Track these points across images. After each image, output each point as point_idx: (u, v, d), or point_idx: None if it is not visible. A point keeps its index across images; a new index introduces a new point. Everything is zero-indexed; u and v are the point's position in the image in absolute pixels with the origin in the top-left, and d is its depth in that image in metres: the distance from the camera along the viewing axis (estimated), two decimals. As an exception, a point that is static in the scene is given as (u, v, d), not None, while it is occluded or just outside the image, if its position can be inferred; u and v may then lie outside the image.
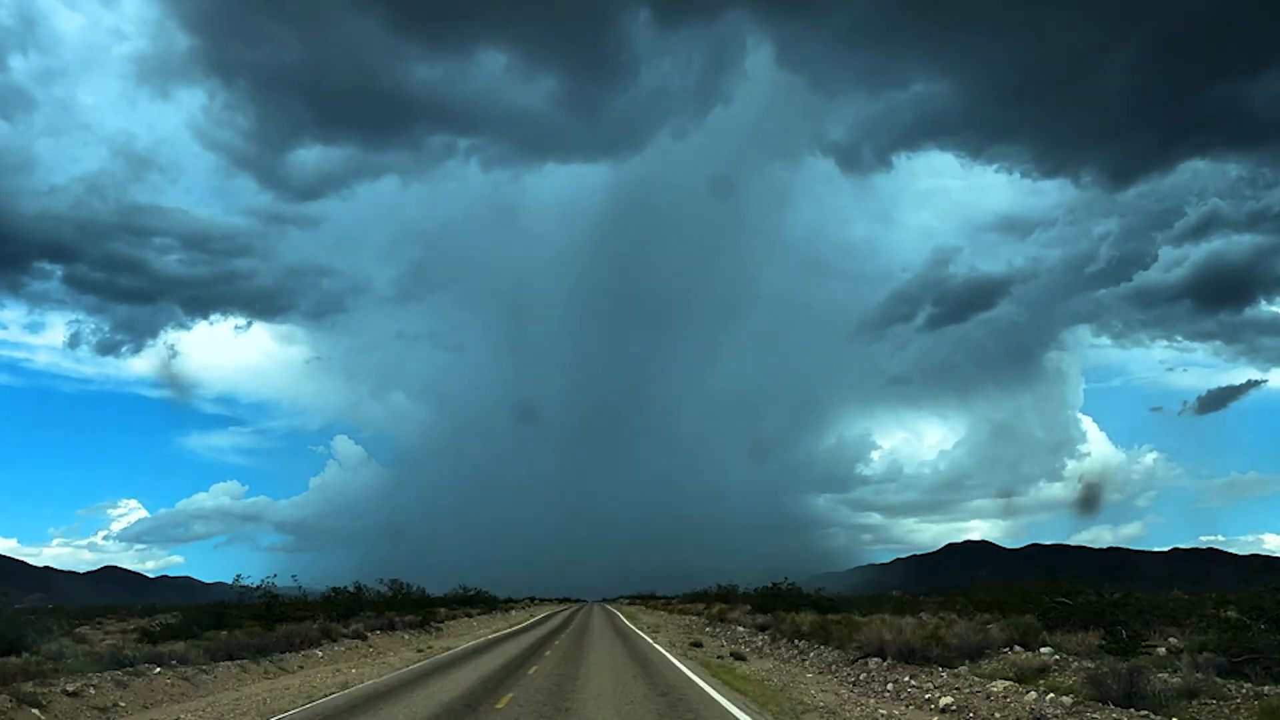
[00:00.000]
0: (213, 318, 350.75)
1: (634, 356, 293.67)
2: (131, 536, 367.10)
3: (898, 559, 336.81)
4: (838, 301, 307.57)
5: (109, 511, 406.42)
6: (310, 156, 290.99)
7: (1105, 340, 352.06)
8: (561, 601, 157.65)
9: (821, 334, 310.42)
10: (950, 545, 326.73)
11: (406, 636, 38.47)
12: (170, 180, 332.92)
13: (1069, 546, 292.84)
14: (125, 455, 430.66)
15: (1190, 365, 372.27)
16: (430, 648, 33.15)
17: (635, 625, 51.66)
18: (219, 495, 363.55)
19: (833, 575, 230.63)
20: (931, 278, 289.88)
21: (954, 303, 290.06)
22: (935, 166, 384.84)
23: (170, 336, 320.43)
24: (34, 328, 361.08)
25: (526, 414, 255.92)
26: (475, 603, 76.08)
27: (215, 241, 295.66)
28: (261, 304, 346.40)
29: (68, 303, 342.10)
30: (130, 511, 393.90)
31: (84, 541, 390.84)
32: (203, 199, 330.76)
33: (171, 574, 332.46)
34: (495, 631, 47.02)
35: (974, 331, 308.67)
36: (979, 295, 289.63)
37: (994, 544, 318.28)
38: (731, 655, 26.59)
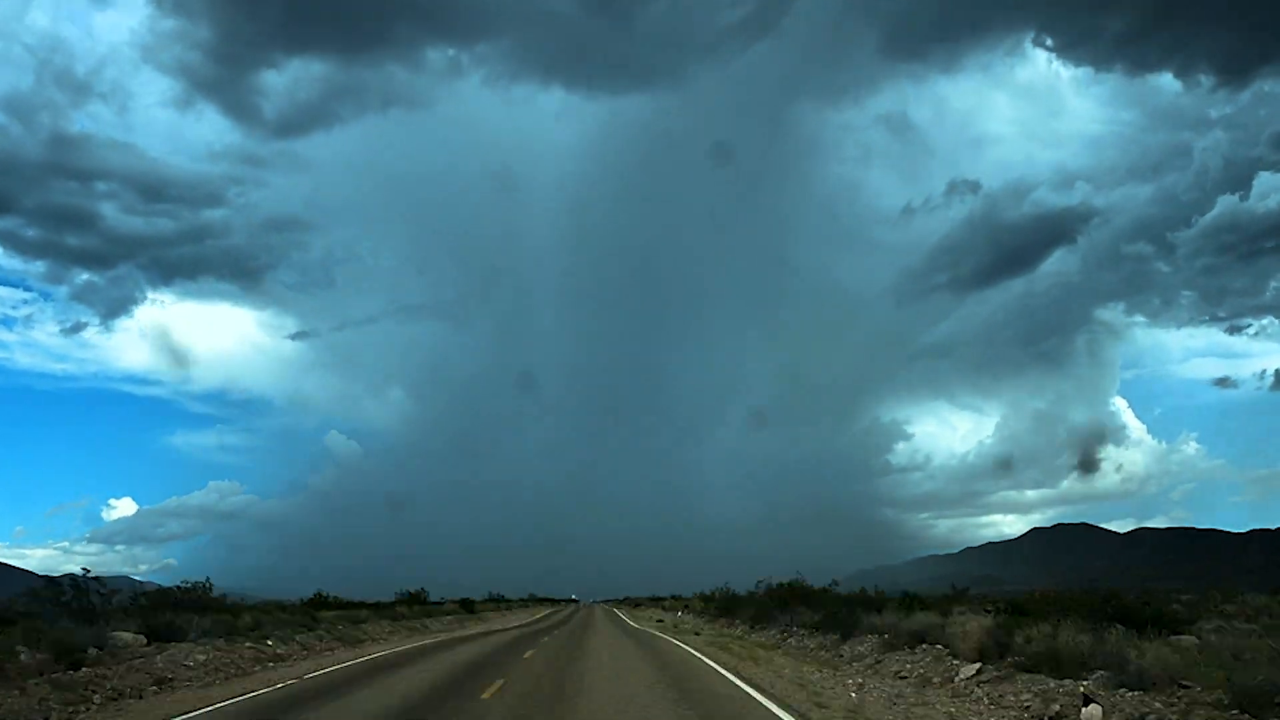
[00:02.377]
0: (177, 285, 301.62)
1: (650, 342, 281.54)
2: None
3: (968, 548, 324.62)
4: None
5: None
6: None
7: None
8: (555, 604, 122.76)
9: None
10: (1036, 530, 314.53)
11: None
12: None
13: (1195, 529, 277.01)
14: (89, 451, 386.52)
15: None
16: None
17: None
18: (210, 494, 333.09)
19: (892, 569, 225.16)
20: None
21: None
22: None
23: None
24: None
25: (526, 384, 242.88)
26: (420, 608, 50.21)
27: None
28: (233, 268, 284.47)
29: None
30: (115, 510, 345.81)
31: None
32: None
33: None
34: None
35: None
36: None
37: (1096, 526, 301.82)
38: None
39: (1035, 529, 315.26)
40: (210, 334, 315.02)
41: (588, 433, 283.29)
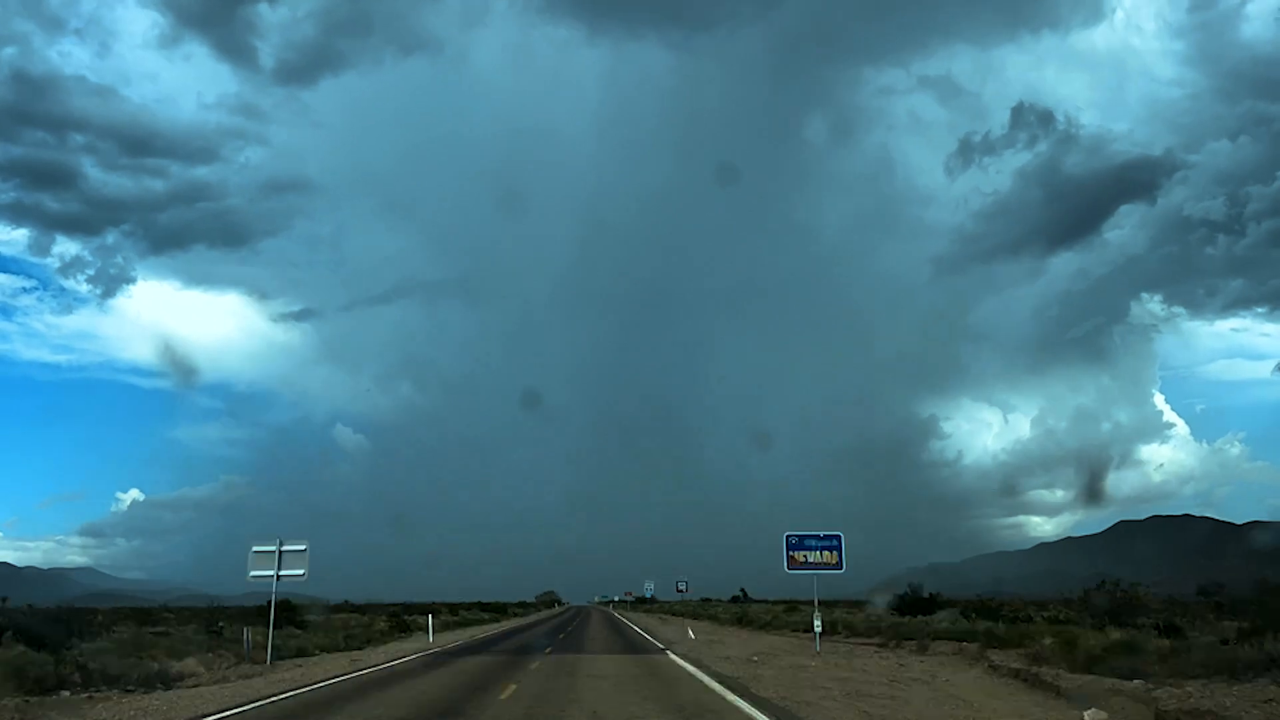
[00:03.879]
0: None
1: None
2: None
3: (1042, 544, 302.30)
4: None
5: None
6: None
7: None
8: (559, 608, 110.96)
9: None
10: (1124, 523, 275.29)
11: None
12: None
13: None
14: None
15: None
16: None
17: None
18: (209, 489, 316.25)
19: (953, 567, 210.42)
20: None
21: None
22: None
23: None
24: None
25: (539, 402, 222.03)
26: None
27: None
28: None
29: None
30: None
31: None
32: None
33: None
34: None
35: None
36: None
37: (1216, 519, 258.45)
38: None
39: (1122, 521, 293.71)
40: (209, 324, 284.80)
41: (608, 446, 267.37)
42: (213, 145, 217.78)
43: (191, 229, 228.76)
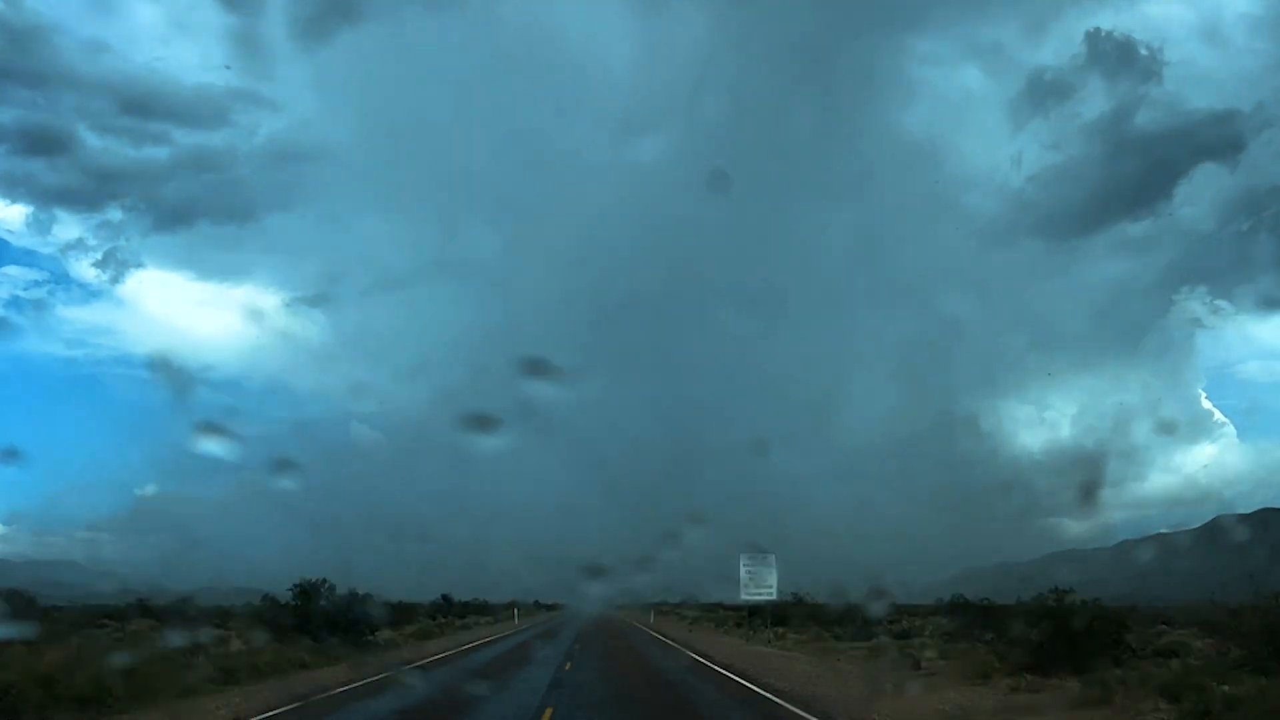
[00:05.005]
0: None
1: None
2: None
3: (1124, 541, 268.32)
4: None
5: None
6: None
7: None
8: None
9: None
10: (1224, 518, 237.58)
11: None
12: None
13: None
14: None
15: None
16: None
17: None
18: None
19: (1023, 566, 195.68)
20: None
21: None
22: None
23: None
24: None
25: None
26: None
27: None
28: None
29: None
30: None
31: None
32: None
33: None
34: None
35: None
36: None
37: None
38: None
39: (1222, 515, 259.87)
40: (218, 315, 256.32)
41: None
42: (222, 108, 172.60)
43: (202, 204, 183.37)
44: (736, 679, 23.12)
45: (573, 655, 31.50)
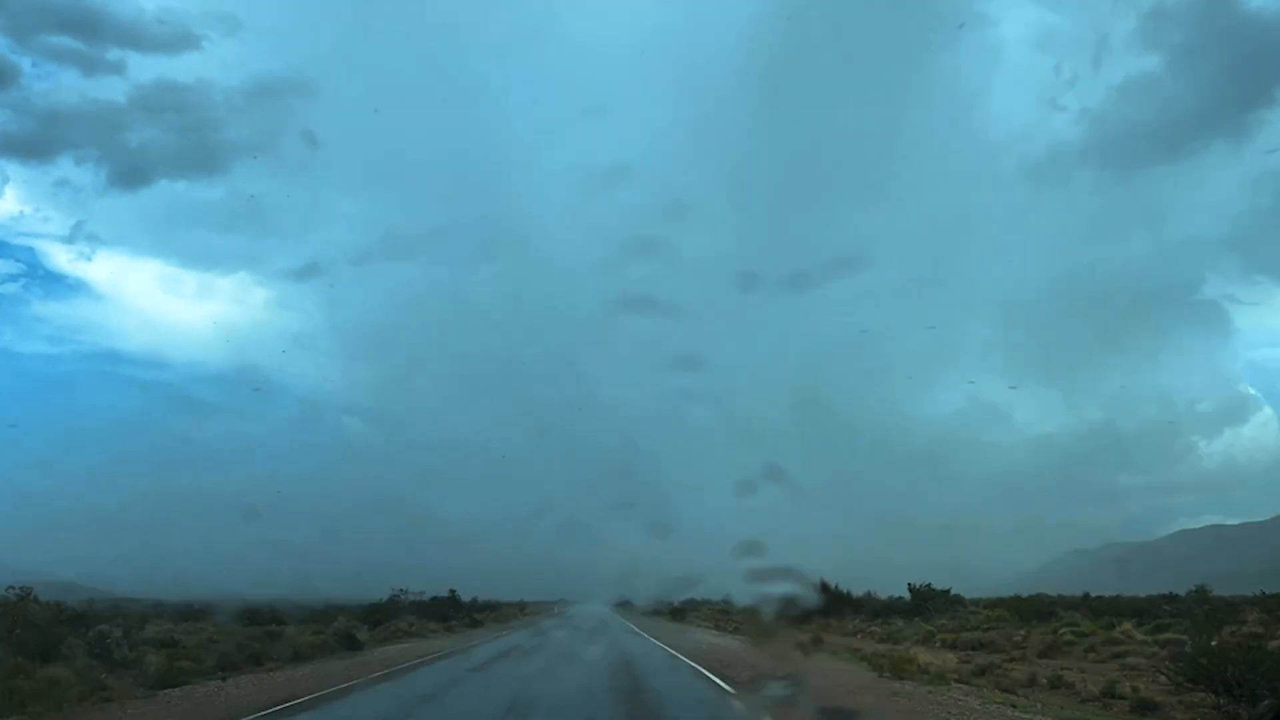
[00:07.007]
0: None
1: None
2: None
3: (1214, 525, 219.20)
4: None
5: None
6: None
7: None
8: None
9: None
10: None
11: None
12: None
13: None
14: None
15: None
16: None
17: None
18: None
19: (1146, 546, 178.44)
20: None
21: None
22: None
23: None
24: None
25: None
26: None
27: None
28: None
29: None
30: None
31: None
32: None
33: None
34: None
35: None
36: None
37: None
38: None
39: None
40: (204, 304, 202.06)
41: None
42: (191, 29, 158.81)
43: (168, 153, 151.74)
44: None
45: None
